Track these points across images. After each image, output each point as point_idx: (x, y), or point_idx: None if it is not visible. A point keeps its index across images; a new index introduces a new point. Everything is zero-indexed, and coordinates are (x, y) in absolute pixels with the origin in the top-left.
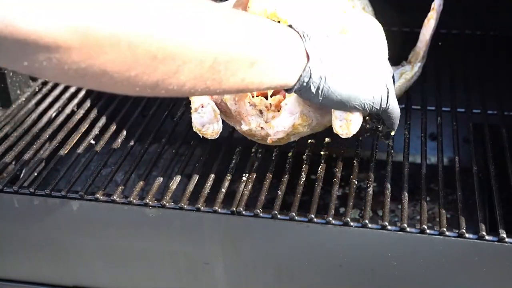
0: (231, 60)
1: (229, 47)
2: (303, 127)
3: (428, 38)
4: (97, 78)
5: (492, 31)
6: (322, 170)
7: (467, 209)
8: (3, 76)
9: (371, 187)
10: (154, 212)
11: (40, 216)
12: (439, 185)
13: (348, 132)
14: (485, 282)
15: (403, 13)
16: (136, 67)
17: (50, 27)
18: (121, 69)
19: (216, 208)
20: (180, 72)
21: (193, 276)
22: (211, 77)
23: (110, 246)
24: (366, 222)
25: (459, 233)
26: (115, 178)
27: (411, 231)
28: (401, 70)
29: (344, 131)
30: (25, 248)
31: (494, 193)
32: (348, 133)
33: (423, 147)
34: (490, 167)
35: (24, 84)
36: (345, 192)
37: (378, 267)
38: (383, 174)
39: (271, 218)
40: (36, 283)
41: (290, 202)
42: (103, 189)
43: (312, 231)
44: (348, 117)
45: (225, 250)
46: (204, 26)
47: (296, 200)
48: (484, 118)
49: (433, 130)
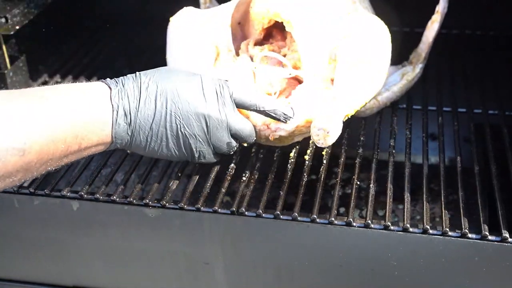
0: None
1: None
2: (306, 128)
3: (430, 40)
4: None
5: (492, 31)
6: (323, 170)
7: (467, 209)
8: (3, 76)
9: (373, 187)
10: (154, 212)
11: (40, 216)
12: (441, 185)
13: (324, 142)
14: (485, 282)
15: (403, 13)
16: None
17: None
18: None
19: (216, 208)
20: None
21: (193, 276)
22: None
23: (110, 246)
24: (369, 222)
25: (461, 233)
26: (115, 178)
27: (413, 231)
28: (402, 71)
29: (321, 140)
30: (25, 248)
31: (495, 193)
32: (324, 143)
33: (424, 147)
34: (491, 167)
35: (24, 84)
36: (344, 192)
37: (378, 267)
38: (383, 174)
39: (273, 219)
40: (36, 283)
41: (290, 202)
42: (103, 189)
43: (314, 231)
44: (326, 128)
45: (225, 250)
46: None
47: (298, 200)
48: (485, 118)
49: (434, 130)
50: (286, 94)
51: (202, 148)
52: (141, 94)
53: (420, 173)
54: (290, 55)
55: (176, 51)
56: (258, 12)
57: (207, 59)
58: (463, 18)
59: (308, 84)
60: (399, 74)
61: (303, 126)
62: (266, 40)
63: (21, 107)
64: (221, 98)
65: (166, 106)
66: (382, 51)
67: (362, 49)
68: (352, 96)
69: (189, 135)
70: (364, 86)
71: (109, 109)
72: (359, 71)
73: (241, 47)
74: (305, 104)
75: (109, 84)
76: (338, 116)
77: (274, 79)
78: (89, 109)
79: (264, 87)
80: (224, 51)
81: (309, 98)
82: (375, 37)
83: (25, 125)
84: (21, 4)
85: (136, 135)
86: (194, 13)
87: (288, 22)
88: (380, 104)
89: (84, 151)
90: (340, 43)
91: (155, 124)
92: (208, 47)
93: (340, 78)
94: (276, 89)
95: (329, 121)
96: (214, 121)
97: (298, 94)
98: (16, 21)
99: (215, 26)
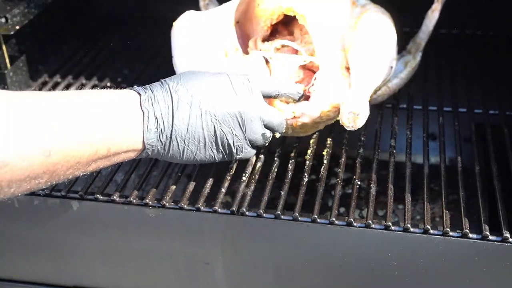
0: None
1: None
2: (333, 113)
3: (430, 29)
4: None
5: (492, 31)
6: (324, 170)
7: (467, 209)
8: (3, 76)
9: (374, 187)
10: (154, 212)
11: (40, 216)
12: (442, 185)
13: (354, 125)
14: (485, 282)
15: (403, 13)
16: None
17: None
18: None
19: (216, 208)
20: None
21: (193, 276)
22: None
23: (110, 246)
24: (369, 222)
25: (462, 233)
26: (115, 178)
27: (414, 231)
28: (404, 59)
29: (351, 124)
30: (25, 248)
31: (496, 193)
32: (354, 126)
33: (425, 147)
34: (492, 167)
35: (24, 84)
36: (345, 192)
37: (378, 267)
38: (384, 174)
39: (273, 219)
40: (36, 283)
41: (290, 202)
42: (103, 189)
43: (314, 231)
44: (357, 110)
45: (225, 250)
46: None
47: (299, 200)
48: (486, 118)
49: (435, 130)
50: (305, 84)
51: (239, 143)
52: (172, 99)
53: (420, 173)
54: (303, 47)
55: (184, 54)
56: (267, 9)
57: (218, 59)
58: (463, 18)
59: (326, 72)
60: (401, 62)
61: (328, 111)
62: (272, 37)
63: (49, 109)
64: (250, 91)
65: (200, 107)
66: (390, 36)
67: (373, 36)
68: (371, 80)
69: (226, 132)
70: (379, 69)
71: (139, 114)
72: (374, 56)
73: (249, 45)
74: (327, 90)
75: (137, 90)
76: (366, 98)
77: (290, 67)
78: (118, 113)
79: (281, 77)
80: (232, 51)
81: (331, 85)
82: (382, 24)
83: (51, 126)
84: (21, 4)
85: (173, 140)
86: (197, 15)
87: (302, 15)
88: (391, 91)
89: (114, 157)
90: (349, 32)
91: (191, 127)
92: (216, 47)
93: (357, 64)
94: (293, 79)
95: (358, 104)
96: (248, 114)
97: (320, 81)
98: (16, 21)
99: (219, 27)
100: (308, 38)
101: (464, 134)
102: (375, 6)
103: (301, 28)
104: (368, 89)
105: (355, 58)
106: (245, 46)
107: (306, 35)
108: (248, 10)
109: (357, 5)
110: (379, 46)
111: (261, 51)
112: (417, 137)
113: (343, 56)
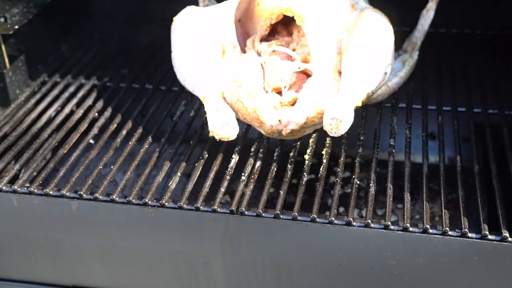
0: None
1: None
2: (318, 119)
3: (426, 28)
4: None
5: (491, 30)
6: (323, 169)
7: (466, 208)
8: (2, 76)
9: (373, 187)
10: (153, 211)
11: (40, 216)
12: (441, 185)
13: (337, 131)
14: (485, 281)
15: (403, 13)
16: None
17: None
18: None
19: (216, 208)
20: None
21: (193, 276)
22: None
23: (110, 245)
24: (369, 221)
25: (461, 232)
26: (115, 178)
27: (413, 231)
28: (401, 58)
29: (333, 130)
30: (25, 248)
31: (495, 192)
32: (336, 132)
33: (424, 147)
34: (491, 167)
35: (23, 83)
36: (344, 192)
37: (377, 267)
38: (383, 173)
39: (273, 218)
40: (35, 282)
41: (289, 201)
42: (102, 188)
43: (313, 231)
44: (339, 117)
45: (224, 249)
46: None
47: (298, 199)
48: (485, 117)
49: (434, 130)
50: (296, 88)
51: None
52: None
53: (419, 172)
54: (299, 49)
55: (182, 49)
56: (267, 8)
57: (214, 56)
58: (463, 18)
59: (318, 77)
60: (399, 61)
61: (313, 117)
62: (271, 36)
63: None
64: None
65: None
66: (386, 42)
67: (368, 41)
68: (361, 86)
69: None
70: (371, 75)
71: None
72: (366, 62)
73: (247, 44)
74: (315, 96)
75: None
76: (350, 104)
77: (283, 73)
78: None
79: (273, 82)
80: (230, 48)
81: (319, 91)
82: (379, 29)
83: None
84: (20, 4)
85: None
86: (197, 11)
87: (299, 16)
88: (391, 90)
89: None
90: (347, 36)
91: None
92: (214, 44)
93: (348, 69)
94: (285, 83)
95: (341, 110)
96: None
97: (308, 87)
98: (15, 20)
99: (219, 24)
100: (305, 40)
101: (463, 134)
102: (373, 11)
103: (299, 29)
104: (355, 95)
105: (347, 63)
106: (244, 45)
107: (303, 37)
108: (249, 9)
109: (356, 8)
110: (373, 53)
111: (257, 55)
112: (416, 136)
113: (339, 61)
